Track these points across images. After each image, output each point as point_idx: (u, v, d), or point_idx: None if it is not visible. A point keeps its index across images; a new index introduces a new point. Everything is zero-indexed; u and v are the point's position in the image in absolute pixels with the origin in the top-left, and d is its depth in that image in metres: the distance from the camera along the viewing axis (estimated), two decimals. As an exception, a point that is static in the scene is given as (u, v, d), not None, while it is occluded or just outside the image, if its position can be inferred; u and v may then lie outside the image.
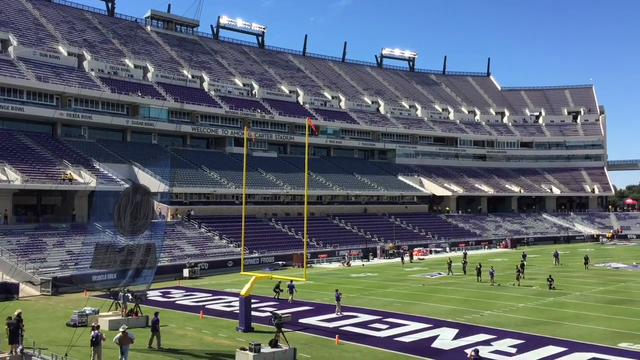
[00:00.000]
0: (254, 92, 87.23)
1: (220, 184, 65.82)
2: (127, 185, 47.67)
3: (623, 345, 22.05)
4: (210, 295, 36.09)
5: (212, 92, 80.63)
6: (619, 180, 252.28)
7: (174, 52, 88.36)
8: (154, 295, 34.85)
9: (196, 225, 58.10)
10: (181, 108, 72.50)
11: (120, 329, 19.79)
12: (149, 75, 76.83)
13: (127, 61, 77.27)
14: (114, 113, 67.28)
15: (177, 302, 33.73)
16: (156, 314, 23.07)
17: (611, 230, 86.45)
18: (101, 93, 66.05)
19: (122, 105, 68.53)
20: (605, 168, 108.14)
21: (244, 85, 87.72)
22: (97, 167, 57.84)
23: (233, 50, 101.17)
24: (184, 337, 24.46)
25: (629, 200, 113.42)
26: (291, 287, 32.84)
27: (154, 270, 29.75)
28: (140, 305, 27.22)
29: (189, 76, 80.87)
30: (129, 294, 27.11)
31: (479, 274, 40.89)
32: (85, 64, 71.05)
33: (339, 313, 28.61)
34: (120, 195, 29.37)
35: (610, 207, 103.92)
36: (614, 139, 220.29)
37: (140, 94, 69.68)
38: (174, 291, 37.92)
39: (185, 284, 41.86)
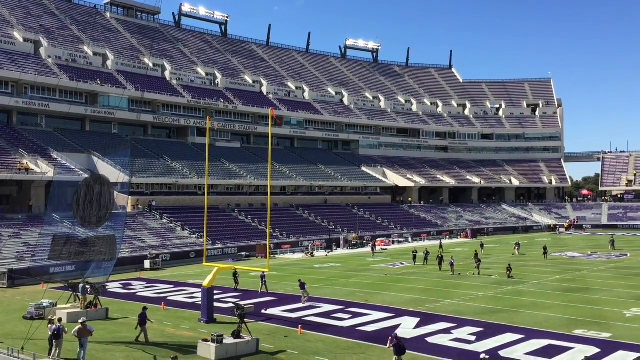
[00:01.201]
0: (217, 82, 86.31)
1: (183, 175, 65.06)
2: (86, 176, 46.69)
3: (578, 332, 22.70)
4: (172, 286, 35.72)
5: (174, 81, 79.44)
6: (575, 172, 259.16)
7: (134, 39, 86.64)
8: (114, 287, 34.30)
9: (158, 216, 57.35)
10: (142, 97, 71.29)
11: (80, 321, 19.43)
12: (109, 63, 75.18)
13: (85, 48, 75.43)
14: (72, 101, 65.72)
15: (138, 294, 33.27)
16: (144, 308, 22.69)
17: (567, 221, 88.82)
18: (59, 81, 64.37)
19: (80, 94, 66.95)
20: (562, 160, 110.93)
21: (206, 74, 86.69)
22: (55, 156, 56.43)
23: (195, 39, 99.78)
24: (145, 329, 24.12)
25: (584, 191, 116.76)
26: (263, 277, 32.79)
27: (113, 262, 29.24)
28: (99, 297, 26.77)
29: (150, 65, 79.45)
30: (88, 286, 26.61)
31: (440, 263, 41.59)
32: (42, 50, 69.07)
33: (305, 302, 28.62)
34: (79, 185, 28.70)
35: (566, 198, 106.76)
36: (570, 131, 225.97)
37: (99, 82, 68.17)
38: (134, 283, 37.39)
39: (147, 275, 41.30)
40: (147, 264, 44.80)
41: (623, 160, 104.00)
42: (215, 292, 27.10)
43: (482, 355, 15.81)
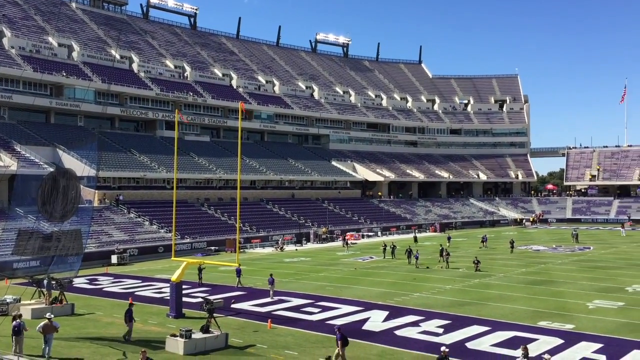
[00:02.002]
0: (186, 75, 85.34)
1: (151, 168, 64.25)
2: (51, 169, 45.73)
3: (542, 323, 23.18)
4: (140, 281, 35.32)
5: (142, 74, 78.27)
6: (540, 167, 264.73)
7: (100, 31, 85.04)
8: (80, 282, 33.75)
9: (125, 211, 56.56)
10: (108, 89, 70.07)
11: (46, 317, 19.09)
12: (74, 54, 73.67)
13: (50, 39, 73.75)
14: (37, 93, 64.26)
15: (104, 289, 32.81)
16: (131, 304, 22.31)
17: (533, 215, 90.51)
18: (22, 72, 62.83)
19: (45, 85, 65.51)
20: (528, 155, 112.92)
21: (175, 67, 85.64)
22: (19, 149, 55.16)
23: (164, 31, 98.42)
24: (111, 324, 23.85)
25: (549, 186, 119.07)
26: (238, 271, 32.63)
27: (80, 257, 28.78)
28: (64, 293, 26.30)
29: (117, 56, 78.12)
30: (53, 282, 26.12)
31: (409, 257, 41.95)
32: (4, 41, 67.31)
33: (272, 297, 28.65)
34: (44, 179, 28.08)
35: (532, 192, 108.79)
36: (536, 127, 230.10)
37: (64, 74, 66.76)
38: (101, 278, 36.85)
39: (114, 270, 40.74)
40: (114, 259, 44.21)
41: (587, 156, 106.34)
42: (184, 287, 26.89)
43: (442, 348, 16.07)
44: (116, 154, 64.25)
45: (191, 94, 79.17)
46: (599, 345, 19.80)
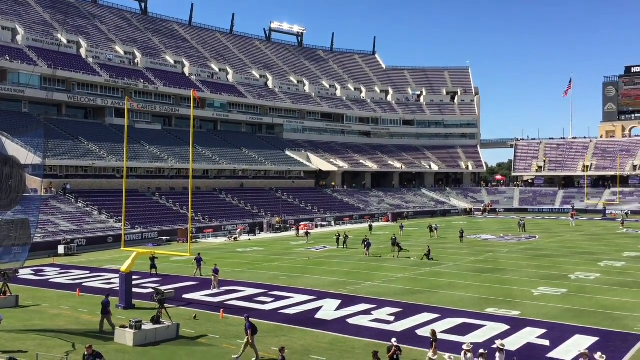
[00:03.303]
0: (136, 61, 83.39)
1: (100, 157, 62.67)
2: (-7, 157, 43.98)
3: (490, 310, 23.81)
4: (88, 272, 34.52)
5: (90, 59, 76.06)
6: (490, 158, 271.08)
7: (46, 14, 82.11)
8: (25, 273, 32.68)
9: (73, 200, 55.08)
10: (54, 75, 67.85)
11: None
12: (19, 38, 70.92)
13: (-7, 21, 70.77)
14: (-22, 78, 61.64)
15: (50, 280, 31.93)
16: (107, 295, 21.67)
17: (482, 205, 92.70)
18: (-38, 55, 60.15)
19: (-13, 70, 62.88)
20: (478, 146, 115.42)
21: (125, 53, 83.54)
22: (-42, 136, 52.81)
23: (113, 16, 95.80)
24: (58, 316, 23.24)
25: (498, 177, 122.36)
26: (199, 261, 32.20)
27: (27, 248, 27.86)
28: (8, 284, 25.47)
29: (64, 41, 75.63)
30: (-4, 273, 25.23)
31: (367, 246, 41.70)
32: (-58, 21, 64.22)
33: (215, 288, 28.15)
34: (-15, 167, 27.03)
35: (482, 182, 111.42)
36: (486, 119, 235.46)
37: (8, 58, 64.30)
38: (47, 269, 35.84)
39: (61, 261, 39.70)
40: (61, 249, 43.08)
41: (534, 147, 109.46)
42: (134, 277, 26.42)
43: (393, 340, 15.85)
44: (63, 142, 62.38)
45: (142, 80, 77.45)
46: (543, 331, 20.47)
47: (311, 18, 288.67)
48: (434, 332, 16.71)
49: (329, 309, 24.05)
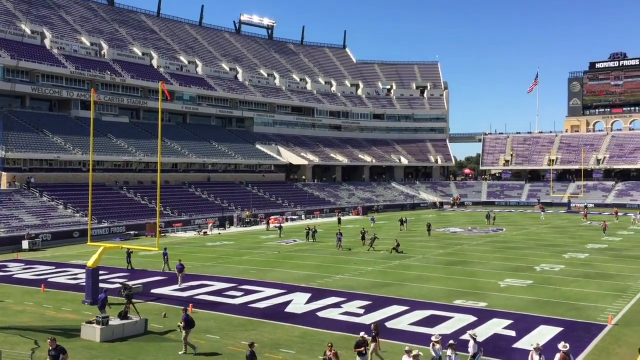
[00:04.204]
0: (103, 53, 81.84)
1: (65, 150, 61.44)
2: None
3: (457, 302, 24.11)
4: (54, 267, 33.86)
5: (55, 50, 74.36)
6: (458, 152, 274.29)
7: (9, 3, 79.94)
8: (-13, 269, 31.93)
9: (37, 194, 53.91)
10: (17, 66, 66.14)
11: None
12: (-20, 27, 68.93)
13: (-48, 10, 68.60)
14: (-63, 68, 59.73)
15: (14, 276, 31.24)
16: (105, 290, 21.20)
17: (451, 198, 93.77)
18: None
19: (-54, 60, 60.97)
20: (447, 140, 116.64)
21: (91, 44, 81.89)
22: None
23: (79, 6, 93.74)
24: (22, 312, 22.74)
25: (466, 170, 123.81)
26: (165, 255, 31.81)
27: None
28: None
29: (28, 31, 73.76)
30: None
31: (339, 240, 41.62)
32: None
33: (180, 284, 27.55)
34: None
35: (450, 176, 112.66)
36: (455, 113, 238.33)
37: (-31, 48, 62.41)
38: (11, 264, 35.06)
39: (25, 256, 38.87)
40: (25, 244, 42.20)
41: (501, 142, 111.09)
42: (101, 272, 26.03)
43: (362, 334, 15.77)
44: (27, 134, 60.97)
45: (109, 72, 76.05)
46: (509, 322, 20.81)
47: (281, 11, 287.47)
48: (376, 326, 16.70)
49: (299, 303, 24.05)
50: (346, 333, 19.40)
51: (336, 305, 23.58)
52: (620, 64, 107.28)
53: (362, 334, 15.38)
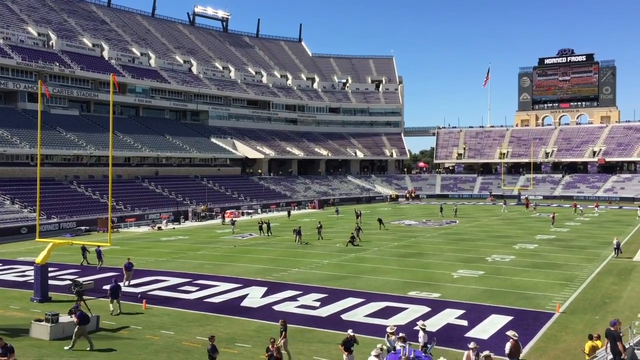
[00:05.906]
0: (51, 43, 79.36)
1: (12, 143, 59.42)
2: None
3: (412, 293, 24.47)
4: (0, 265, 32.73)
5: (1, 41, 71.70)
6: (413, 146, 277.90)
7: (-49, -10, 76.65)
8: None
9: (-18, 189, 51.99)
10: (-39, 56, 63.55)
11: None
12: None
13: None
14: None
15: (-42, 274, 30.04)
16: (115, 280, 20.78)
17: (406, 191, 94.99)
18: None
19: None
20: (402, 134, 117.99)
21: (39, 34, 79.31)
22: None
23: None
24: (-33, 312, 21.91)
25: (421, 164, 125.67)
26: (99, 252, 30.94)
27: None
28: None
29: (-29, 20, 70.88)
30: None
31: (299, 234, 41.34)
32: None
33: (126, 283, 26.27)
34: None
35: (405, 170, 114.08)
36: (410, 107, 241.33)
37: None
38: (-46, 263, 33.69)
39: (-30, 254, 37.43)
40: (-31, 241, 40.63)
41: (455, 136, 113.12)
42: (51, 269, 25.34)
43: (349, 331, 15.70)
44: (-29, 128, 58.68)
45: (57, 64, 73.82)
46: (461, 312, 21.25)
47: (236, 3, 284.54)
48: (284, 322, 16.69)
49: (255, 297, 23.97)
50: (302, 326, 19.44)
51: (292, 298, 23.60)
52: (568, 60, 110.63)
53: (349, 331, 15.37)
